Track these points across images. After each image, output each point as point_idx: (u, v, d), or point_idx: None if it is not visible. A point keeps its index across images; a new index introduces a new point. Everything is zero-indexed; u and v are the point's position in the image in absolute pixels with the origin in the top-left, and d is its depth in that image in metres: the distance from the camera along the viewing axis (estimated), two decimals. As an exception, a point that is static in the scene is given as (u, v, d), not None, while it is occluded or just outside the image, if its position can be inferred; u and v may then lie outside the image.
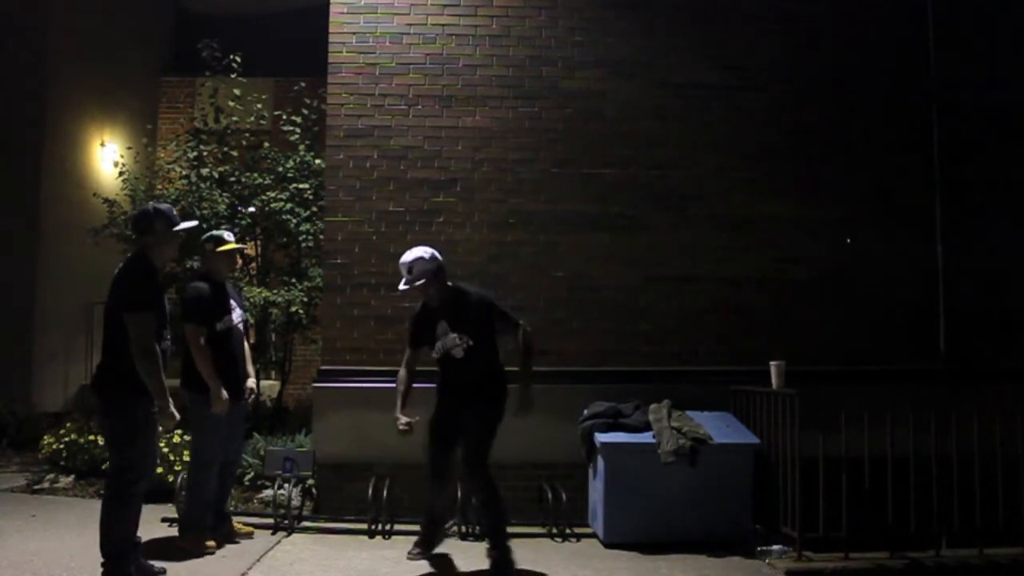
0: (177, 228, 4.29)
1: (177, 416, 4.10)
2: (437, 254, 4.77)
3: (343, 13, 6.27)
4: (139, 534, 4.24)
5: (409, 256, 4.71)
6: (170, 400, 4.04)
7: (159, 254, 4.26)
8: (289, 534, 5.35)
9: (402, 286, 4.72)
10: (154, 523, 5.37)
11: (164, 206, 4.43)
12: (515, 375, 4.74)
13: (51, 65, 9.09)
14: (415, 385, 6.00)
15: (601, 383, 5.91)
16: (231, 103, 8.02)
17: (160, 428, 4.18)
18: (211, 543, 4.84)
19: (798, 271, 6.32)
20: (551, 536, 5.42)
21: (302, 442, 6.40)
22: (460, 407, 4.74)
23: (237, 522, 5.24)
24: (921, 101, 6.55)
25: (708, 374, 6.06)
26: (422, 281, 4.65)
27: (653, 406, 5.67)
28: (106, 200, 7.87)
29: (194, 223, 5.02)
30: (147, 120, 10.37)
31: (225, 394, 4.75)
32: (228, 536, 5.02)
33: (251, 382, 5.16)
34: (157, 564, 4.31)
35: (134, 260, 4.20)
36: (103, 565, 4.02)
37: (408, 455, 5.83)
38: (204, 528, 4.86)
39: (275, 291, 7.38)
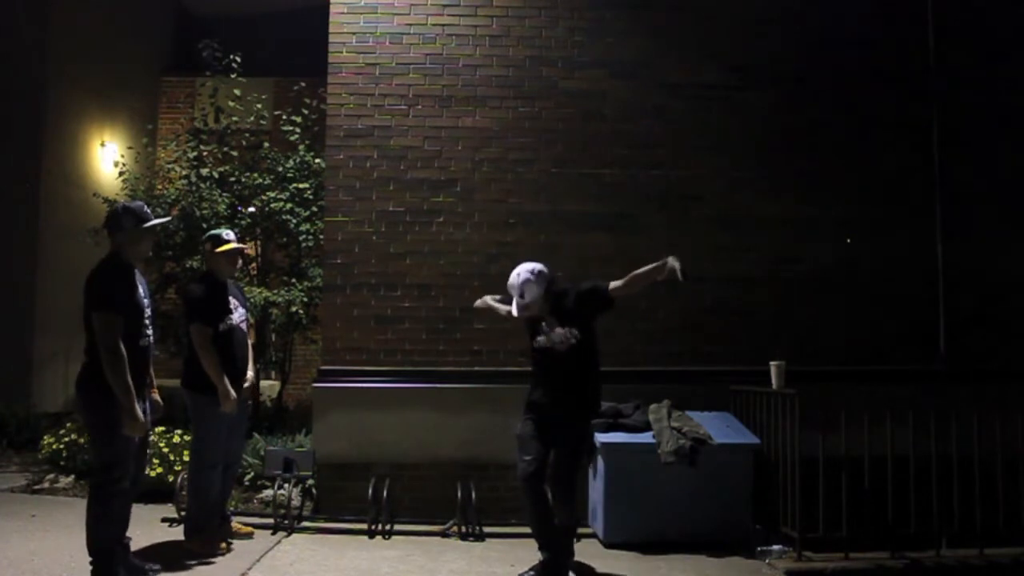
0: (147, 225, 4.25)
1: (142, 418, 3.98)
2: (544, 269, 4.50)
3: (343, 13, 6.28)
4: (130, 535, 4.25)
5: (517, 279, 4.45)
6: (135, 402, 3.95)
7: (132, 251, 4.24)
8: (289, 534, 5.35)
9: (515, 312, 4.51)
10: (154, 523, 5.39)
11: (134, 203, 4.44)
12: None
13: (51, 65, 9.08)
14: (413, 385, 6.06)
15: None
16: (231, 103, 8.02)
17: (147, 415, 4.15)
18: (222, 545, 4.84)
19: (798, 271, 6.32)
20: (551, 536, 5.41)
21: (302, 442, 6.41)
22: (553, 411, 4.48)
23: (237, 522, 5.23)
24: (921, 101, 6.56)
25: (708, 374, 6.06)
26: (535, 306, 4.46)
27: (653, 406, 5.67)
28: (106, 200, 7.86)
29: (166, 219, 4.94)
30: (147, 120, 10.36)
31: (233, 393, 4.74)
32: (228, 536, 5.01)
33: (249, 375, 5.08)
34: (155, 564, 4.32)
35: (105, 260, 4.19)
36: (91, 563, 4.02)
37: (407, 455, 5.88)
38: (212, 529, 4.86)
39: (275, 291, 7.38)
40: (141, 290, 4.23)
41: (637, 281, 4.39)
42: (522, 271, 4.47)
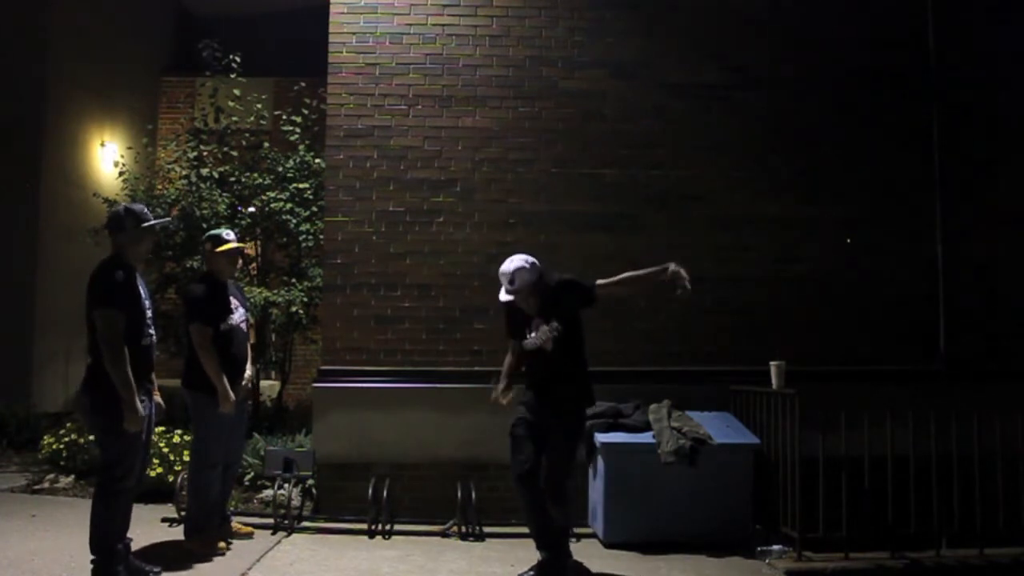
0: (146, 224, 4.30)
1: (142, 411, 4.03)
2: (536, 261, 4.45)
3: (343, 13, 6.28)
4: (130, 535, 4.25)
5: (510, 265, 4.40)
6: (135, 396, 4.00)
7: (133, 252, 4.29)
8: (289, 534, 5.35)
9: (503, 296, 4.45)
10: (154, 523, 5.39)
11: (135, 205, 4.49)
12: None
13: (51, 65, 9.08)
14: (413, 385, 6.05)
15: (601, 383, 5.87)
16: (231, 103, 8.02)
17: (149, 415, 4.19)
18: (222, 544, 4.84)
19: (798, 271, 6.32)
20: (551, 536, 5.41)
21: (302, 442, 6.41)
22: (544, 410, 4.46)
23: (237, 522, 5.23)
24: (921, 101, 6.56)
25: (708, 374, 6.06)
26: (523, 293, 4.39)
27: (653, 406, 5.67)
28: (106, 200, 7.87)
29: (166, 220, 4.95)
30: (147, 120, 10.36)
31: (232, 394, 4.75)
32: (228, 536, 5.01)
33: (248, 374, 5.09)
34: (156, 566, 4.31)
35: (107, 260, 4.23)
36: (93, 562, 4.04)
37: (407, 455, 5.88)
38: (212, 529, 4.86)
39: (275, 291, 7.38)
40: (142, 291, 4.27)
41: (631, 282, 4.40)
42: (516, 259, 4.44)
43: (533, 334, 4.47)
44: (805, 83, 6.48)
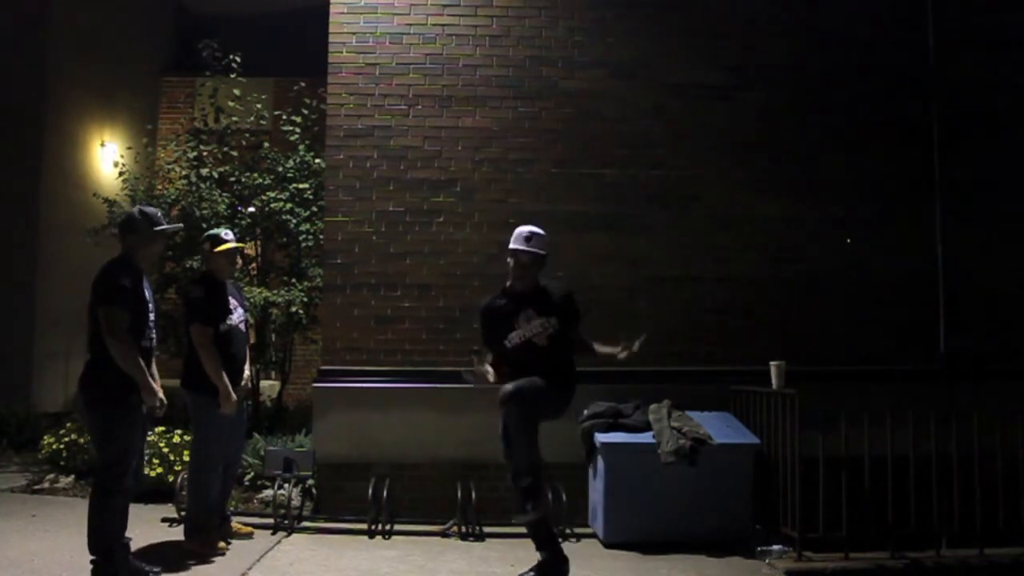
0: (159, 228, 4.34)
1: (160, 392, 4.16)
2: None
3: (343, 13, 6.28)
4: (130, 535, 4.25)
5: (530, 227, 4.45)
6: (150, 379, 4.12)
7: (143, 254, 4.34)
8: (289, 534, 5.35)
9: (513, 245, 4.40)
10: (154, 523, 5.39)
11: (149, 208, 4.51)
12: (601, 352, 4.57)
13: (51, 65, 9.08)
14: (413, 385, 6.05)
15: (601, 383, 5.90)
16: (231, 103, 8.02)
17: (147, 414, 4.21)
18: (222, 544, 4.85)
19: (798, 271, 6.32)
20: (551, 536, 5.40)
21: (302, 442, 6.40)
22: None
23: (237, 522, 5.23)
24: (921, 101, 6.56)
25: (708, 374, 6.06)
26: (541, 252, 4.39)
27: (653, 406, 5.67)
28: (106, 200, 7.87)
29: (178, 225, 5.01)
30: (147, 120, 10.35)
31: (234, 394, 4.76)
32: (228, 536, 5.01)
33: (247, 374, 5.11)
34: (156, 566, 4.31)
35: (116, 260, 4.26)
36: (92, 563, 4.05)
37: (407, 455, 5.88)
38: (212, 529, 4.86)
39: (275, 291, 7.38)
40: (147, 294, 4.30)
41: (594, 351, 4.60)
42: (535, 227, 4.47)
43: (520, 326, 4.40)
44: (805, 83, 6.48)
